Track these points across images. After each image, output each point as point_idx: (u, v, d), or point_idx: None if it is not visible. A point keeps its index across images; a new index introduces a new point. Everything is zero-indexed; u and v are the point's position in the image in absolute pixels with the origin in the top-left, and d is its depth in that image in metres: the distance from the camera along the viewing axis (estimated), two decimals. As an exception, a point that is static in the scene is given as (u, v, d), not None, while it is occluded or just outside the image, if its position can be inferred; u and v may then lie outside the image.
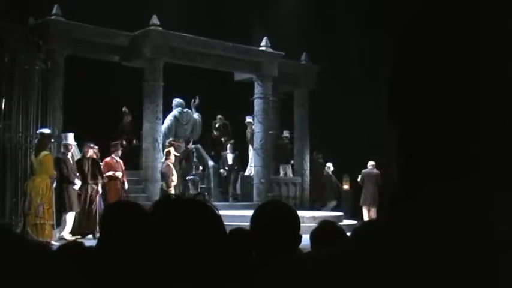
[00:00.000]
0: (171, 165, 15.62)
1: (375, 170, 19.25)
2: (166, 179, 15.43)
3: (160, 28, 17.85)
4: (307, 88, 21.83)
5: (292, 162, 21.58)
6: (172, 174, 15.62)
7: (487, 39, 0.77)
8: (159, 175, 17.63)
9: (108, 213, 3.09)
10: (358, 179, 19.44)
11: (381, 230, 0.79)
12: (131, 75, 18.35)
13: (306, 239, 3.29)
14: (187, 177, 17.87)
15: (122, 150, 16.08)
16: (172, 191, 15.59)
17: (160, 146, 18.04)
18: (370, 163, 19.22)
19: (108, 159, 15.73)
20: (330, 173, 21.54)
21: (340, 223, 16.85)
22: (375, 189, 18.97)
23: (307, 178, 21.50)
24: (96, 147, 15.34)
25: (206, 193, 18.48)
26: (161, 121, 18.06)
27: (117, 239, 2.75)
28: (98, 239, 3.03)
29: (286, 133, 21.74)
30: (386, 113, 0.85)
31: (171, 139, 16.81)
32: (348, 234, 3.50)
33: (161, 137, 19.09)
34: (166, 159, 15.61)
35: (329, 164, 21.51)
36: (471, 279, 0.71)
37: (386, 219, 0.82)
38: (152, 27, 17.75)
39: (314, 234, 3.83)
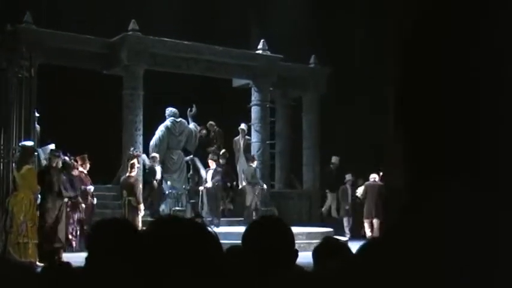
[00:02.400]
0: (138, 179, 14.48)
1: (378, 182, 18.29)
2: (135, 194, 14.26)
3: (138, 33, 16.84)
4: (317, 92, 20.21)
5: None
6: (140, 188, 14.47)
7: (488, 44, 0.78)
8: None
9: (97, 231, 2.95)
10: (359, 193, 18.06)
11: (388, 246, 0.79)
12: (115, 84, 17.44)
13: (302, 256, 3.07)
14: (163, 193, 16.74)
15: (90, 164, 15.13)
16: (142, 207, 14.42)
17: (140, 158, 17.03)
18: (373, 175, 18.31)
19: (76, 172, 14.82)
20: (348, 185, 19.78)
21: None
22: (379, 202, 18.04)
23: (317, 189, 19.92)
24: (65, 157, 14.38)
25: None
26: (140, 132, 17.01)
27: (106, 259, 2.63)
28: (85, 258, 2.80)
29: (335, 160, 20.07)
30: (394, 124, 0.85)
31: (132, 149, 15.63)
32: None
33: (151, 149, 18.19)
34: (130, 171, 14.44)
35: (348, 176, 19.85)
36: None
37: (392, 234, 0.82)
38: (130, 33, 16.77)
39: (317, 251, 3.77)
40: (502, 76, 0.77)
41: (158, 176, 17.40)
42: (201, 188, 17.35)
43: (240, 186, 19.23)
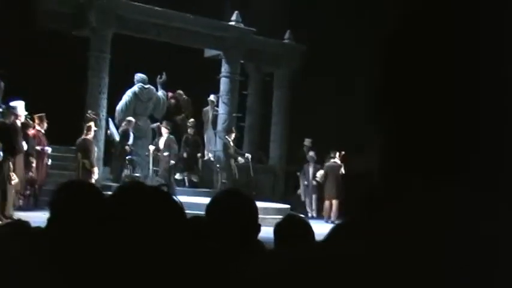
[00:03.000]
0: (92, 141, 14.37)
1: (338, 163, 18.39)
2: (89, 157, 14.15)
3: (109, -5, 16.64)
4: (289, 68, 20.04)
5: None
6: (94, 152, 14.36)
7: (486, 35, 0.77)
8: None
9: (62, 192, 2.88)
10: (318, 175, 18.17)
11: (367, 231, 0.78)
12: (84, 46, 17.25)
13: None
14: (126, 158, 16.63)
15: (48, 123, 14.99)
16: (96, 170, 14.32)
17: (103, 122, 16.94)
18: (332, 155, 18.46)
19: (33, 131, 14.69)
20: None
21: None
22: (338, 182, 18.18)
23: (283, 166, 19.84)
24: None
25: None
26: (105, 95, 16.87)
27: (70, 220, 2.63)
28: (47, 219, 2.78)
29: (307, 142, 19.93)
30: (373, 108, 0.84)
31: (89, 111, 15.48)
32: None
33: (117, 114, 18.07)
34: (86, 134, 14.31)
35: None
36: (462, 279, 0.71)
37: (369, 220, 0.80)
38: (99, -6, 16.56)
39: (279, 228, 3.73)
40: (501, 66, 0.76)
41: (131, 140, 17.33)
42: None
43: (206, 158, 19.17)
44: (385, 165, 0.83)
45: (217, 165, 18.12)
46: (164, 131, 17.73)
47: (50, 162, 14.98)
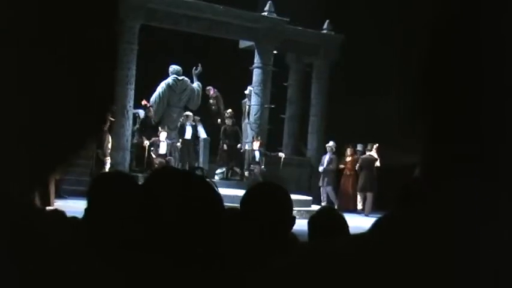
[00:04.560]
0: (106, 131, 14.55)
1: (373, 156, 18.05)
2: (102, 146, 14.37)
3: (136, -13, 16.78)
4: (327, 59, 19.65)
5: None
6: (109, 142, 14.56)
7: None
8: (124, 144, 16.80)
9: (98, 183, 2.93)
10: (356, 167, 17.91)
11: (407, 226, 0.79)
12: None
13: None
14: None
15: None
16: (109, 159, 14.54)
17: (130, 113, 17.16)
18: (368, 148, 18.21)
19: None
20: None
21: (308, 208, 15.17)
22: (374, 175, 17.90)
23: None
24: None
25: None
26: (132, 86, 17.03)
27: (106, 210, 2.65)
28: (84, 210, 2.82)
29: (331, 144, 19.18)
30: (416, 109, 0.84)
31: None
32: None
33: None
34: (100, 125, 14.47)
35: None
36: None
37: (410, 215, 0.81)
38: (127, -13, 16.72)
39: (313, 221, 3.73)
40: None
41: (188, 135, 17.63)
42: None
43: (243, 150, 19.03)
44: (427, 160, 0.84)
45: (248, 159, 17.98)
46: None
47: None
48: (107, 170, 14.16)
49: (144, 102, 17.82)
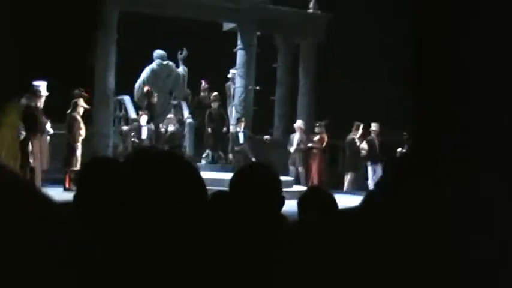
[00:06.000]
0: (79, 118, 14.52)
1: (356, 137, 17.98)
2: (70, 132, 14.33)
3: (112, -28, 16.73)
4: (314, 39, 19.40)
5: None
6: (80, 128, 14.53)
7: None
8: (105, 131, 16.82)
9: (86, 169, 3.01)
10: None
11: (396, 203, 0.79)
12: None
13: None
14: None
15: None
16: (79, 145, 14.47)
17: (111, 100, 17.18)
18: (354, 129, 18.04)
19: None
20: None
21: (289, 189, 15.04)
22: (353, 157, 17.88)
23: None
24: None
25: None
26: (112, 73, 17.04)
27: (94, 195, 2.65)
28: (73, 195, 2.86)
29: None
30: (409, 86, 0.85)
31: (79, 88, 15.56)
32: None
33: (136, 91, 18.27)
34: (72, 111, 14.46)
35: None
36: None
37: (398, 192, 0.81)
38: (104, -27, 16.68)
39: (303, 201, 3.78)
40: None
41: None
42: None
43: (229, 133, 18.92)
44: (418, 137, 0.85)
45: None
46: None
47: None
48: (78, 155, 14.20)
49: (146, 88, 17.80)
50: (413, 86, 0.84)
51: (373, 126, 18.24)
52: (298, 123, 18.36)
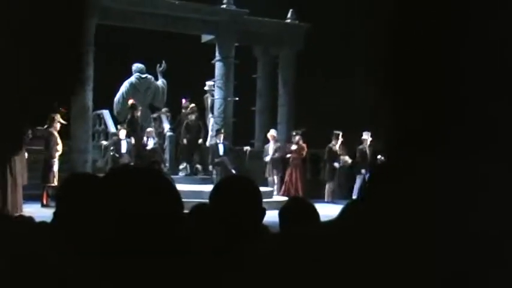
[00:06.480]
0: (55, 133, 14.43)
1: (335, 147, 18.07)
2: (47, 147, 14.22)
3: (89, -13, 16.67)
4: (293, 49, 19.43)
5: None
6: (57, 144, 14.43)
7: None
8: (83, 146, 16.71)
9: (65, 186, 2.95)
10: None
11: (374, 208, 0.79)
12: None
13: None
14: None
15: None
16: (56, 161, 14.36)
17: (89, 113, 17.08)
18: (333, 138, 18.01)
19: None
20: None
21: (269, 199, 14.98)
22: (332, 167, 17.90)
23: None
24: None
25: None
26: (90, 87, 16.93)
27: (74, 213, 2.64)
28: (53, 213, 2.84)
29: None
30: (381, 87, 0.85)
31: (56, 103, 15.49)
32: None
33: (115, 106, 18.22)
34: (48, 126, 14.37)
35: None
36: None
37: (382, 198, 0.81)
38: (80, -13, 16.62)
39: (284, 211, 3.75)
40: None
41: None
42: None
43: (208, 144, 18.83)
44: (391, 143, 0.84)
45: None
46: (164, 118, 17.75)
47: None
48: (55, 171, 14.09)
49: (131, 101, 17.70)
50: (389, 89, 0.83)
51: (365, 135, 18.08)
52: (271, 132, 18.34)
